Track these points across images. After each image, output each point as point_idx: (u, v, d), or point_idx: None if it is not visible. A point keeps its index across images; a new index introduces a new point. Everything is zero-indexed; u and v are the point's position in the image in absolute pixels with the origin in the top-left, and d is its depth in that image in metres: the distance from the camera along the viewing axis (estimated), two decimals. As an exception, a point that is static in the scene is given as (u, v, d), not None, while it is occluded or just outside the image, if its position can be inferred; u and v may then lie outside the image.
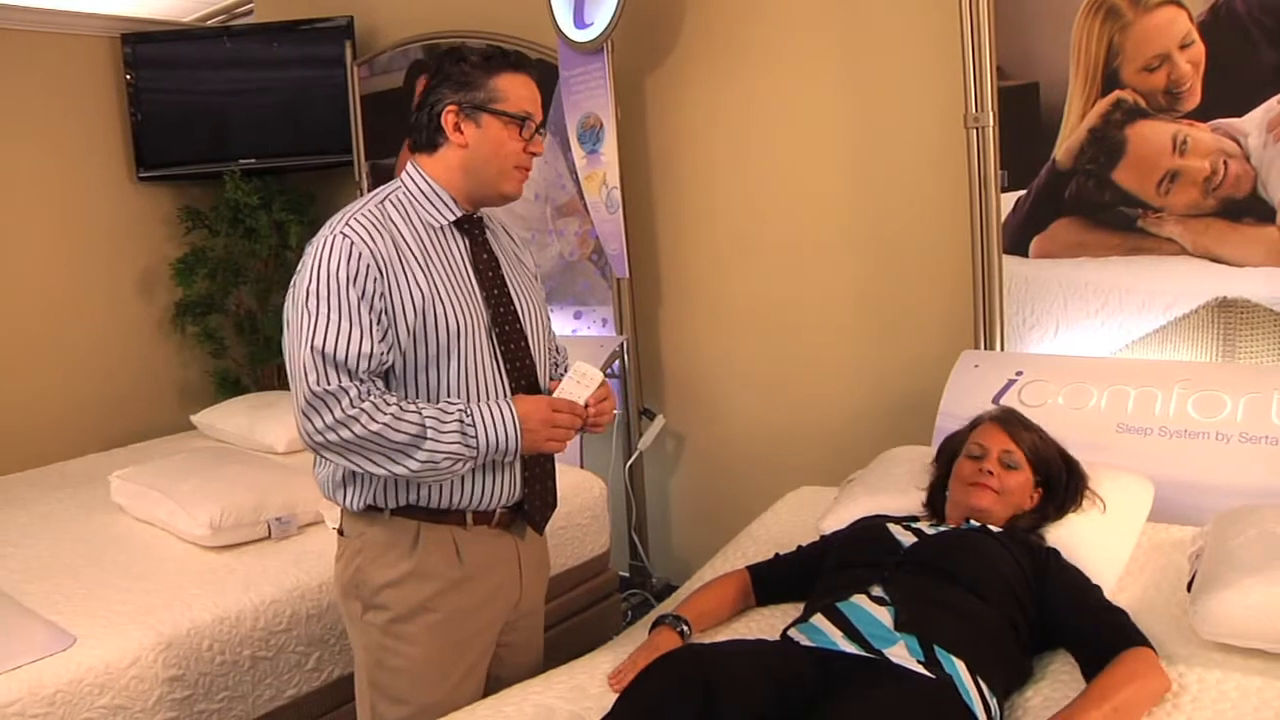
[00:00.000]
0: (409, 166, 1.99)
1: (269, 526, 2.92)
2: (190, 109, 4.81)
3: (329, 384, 1.77)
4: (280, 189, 4.94)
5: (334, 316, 1.79)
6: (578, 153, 3.72)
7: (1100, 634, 1.82)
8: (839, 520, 2.37)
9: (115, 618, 2.44)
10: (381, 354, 1.83)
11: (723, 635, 2.08)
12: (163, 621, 2.42)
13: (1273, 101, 2.51)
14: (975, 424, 2.34)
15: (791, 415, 3.64)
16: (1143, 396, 2.62)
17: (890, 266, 3.34)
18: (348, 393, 1.77)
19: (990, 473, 2.19)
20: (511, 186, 1.97)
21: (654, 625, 2.07)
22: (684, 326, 3.91)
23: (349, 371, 1.79)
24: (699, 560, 2.63)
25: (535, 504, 2.06)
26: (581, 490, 3.31)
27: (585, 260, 4.01)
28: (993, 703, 1.73)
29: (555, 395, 1.93)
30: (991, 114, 2.88)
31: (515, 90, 1.93)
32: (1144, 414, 2.60)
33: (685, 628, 2.04)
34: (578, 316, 4.06)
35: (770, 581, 2.22)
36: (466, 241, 1.99)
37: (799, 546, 2.30)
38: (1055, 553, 2.06)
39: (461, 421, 1.82)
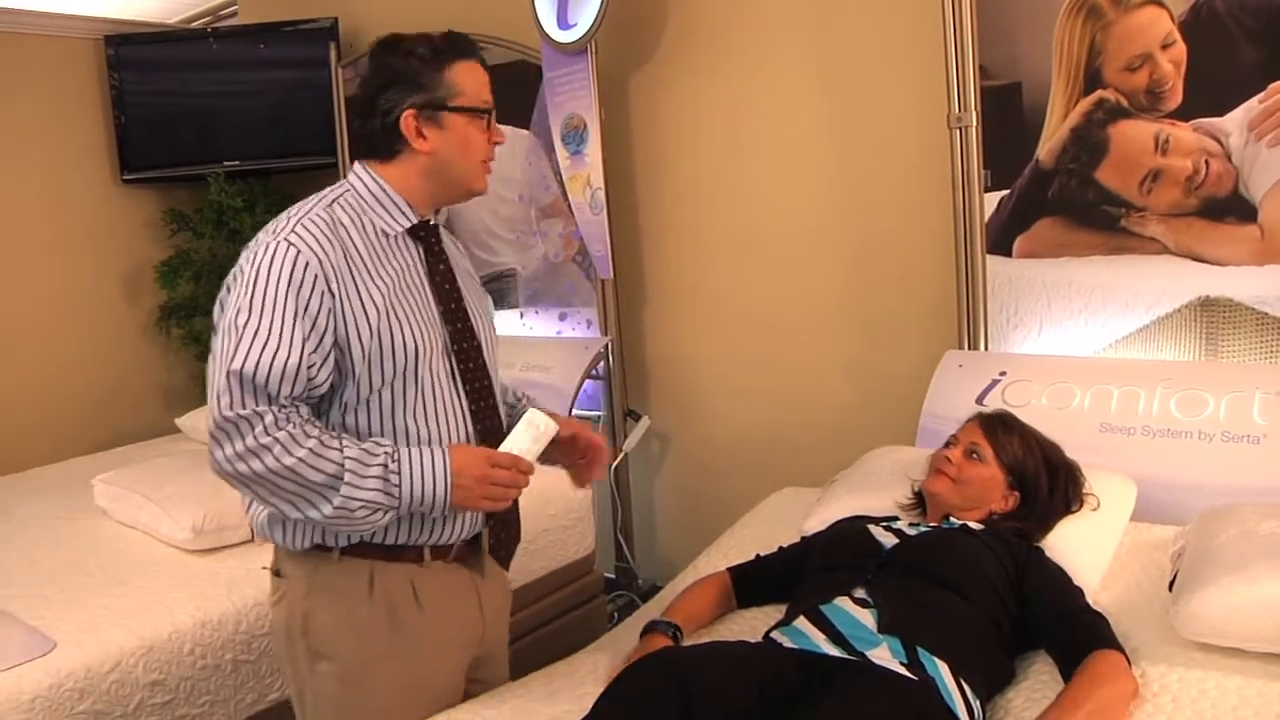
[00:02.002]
0: (357, 168, 1.83)
1: (252, 530, 2.90)
2: (174, 111, 4.79)
3: (243, 408, 1.58)
4: (264, 191, 4.92)
5: (261, 332, 1.61)
6: (562, 154, 3.71)
7: (1074, 636, 1.83)
8: (821, 521, 2.36)
9: (96, 622, 2.42)
10: (311, 376, 1.64)
11: (705, 638, 2.07)
12: (144, 625, 2.41)
13: (1253, 101, 2.52)
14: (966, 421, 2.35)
15: (776, 416, 3.64)
16: (1126, 396, 2.62)
17: (874, 266, 3.34)
18: (263, 418, 1.58)
19: (949, 460, 2.20)
20: (481, 183, 1.86)
21: (645, 631, 2.05)
22: (669, 327, 3.90)
23: (268, 395, 1.60)
24: (685, 561, 2.63)
25: (500, 537, 1.94)
26: (566, 492, 3.27)
27: (570, 261, 4.00)
28: (975, 704, 1.73)
29: (501, 447, 1.74)
30: (974, 114, 2.88)
31: (472, 80, 1.80)
32: (1127, 413, 2.60)
33: (677, 633, 2.02)
34: (562, 318, 4.06)
35: (751, 583, 2.22)
36: (421, 251, 1.84)
37: (780, 547, 2.29)
38: (1038, 551, 2.06)
39: (386, 467, 1.64)
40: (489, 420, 1.87)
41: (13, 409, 4.53)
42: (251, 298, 1.62)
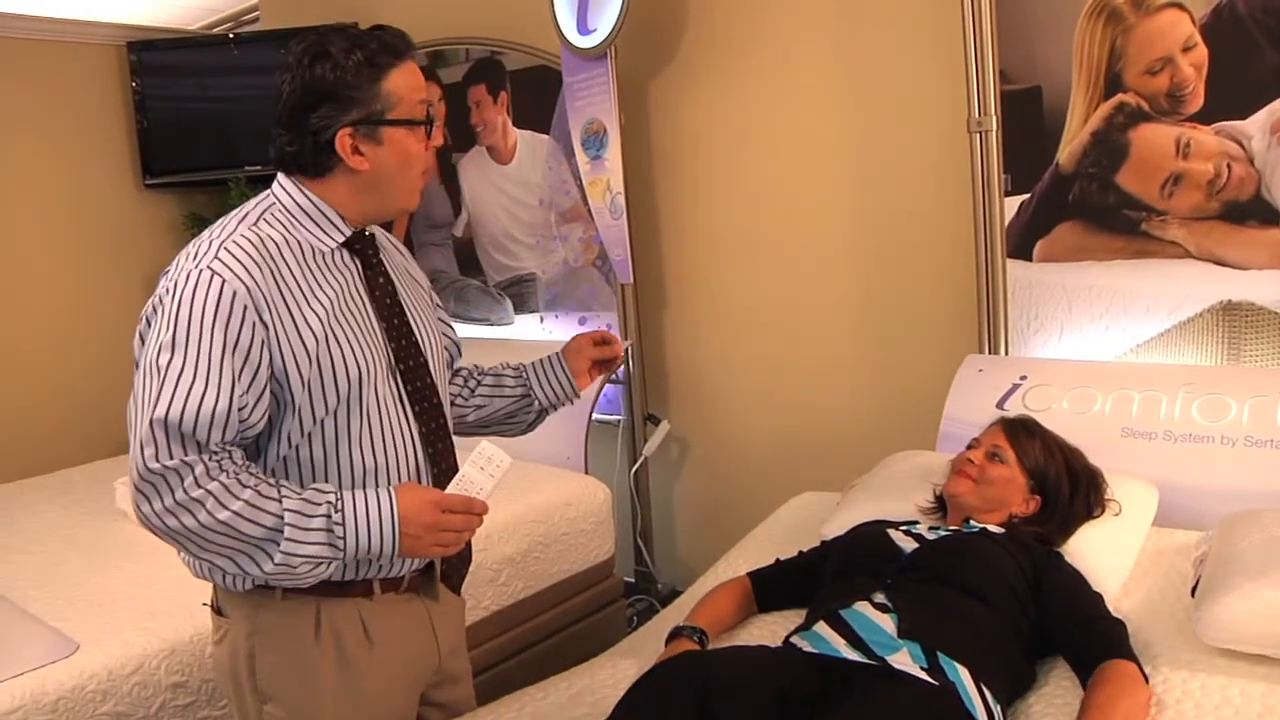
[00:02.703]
0: (283, 179, 1.68)
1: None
2: (196, 116, 4.81)
3: (170, 459, 1.46)
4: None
5: (186, 373, 1.48)
6: (582, 159, 3.72)
7: (1088, 642, 1.83)
8: (841, 525, 2.35)
9: (118, 624, 2.44)
10: (244, 418, 1.52)
11: (725, 643, 2.07)
12: (166, 628, 2.42)
13: (1276, 104, 2.50)
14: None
15: (795, 420, 3.64)
16: (1147, 400, 2.61)
17: (894, 271, 3.33)
18: (193, 469, 1.46)
19: (971, 461, 2.20)
20: (415, 199, 1.73)
21: (670, 637, 2.03)
22: (688, 332, 3.90)
23: (198, 443, 1.48)
24: (704, 566, 2.63)
25: (452, 562, 1.83)
26: (586, 496, 3.31)
27: (589, 266, 4.01)
28: (996, 709, 1.72)
29: (451, 487, 1.62)
30: (994, 118, 2.87)
31: (408, 86, 1.64)
32: (1148, 418, 2.58)
33: (703, 638, 2.01)
34: (582, 322, 4.06)
35: (771, 587, 2.22)
36: (358, 264, 1.71)
37: (800, 552, 2.29)
38: (1057, 555, 2.06)
39: (329, 518, 1.53)
40: (440, 443, 1.77)
41: (35, 412, 4.56)
42: (174, 334, 1.50)
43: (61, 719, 2.17)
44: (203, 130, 4.82)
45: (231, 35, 5.11)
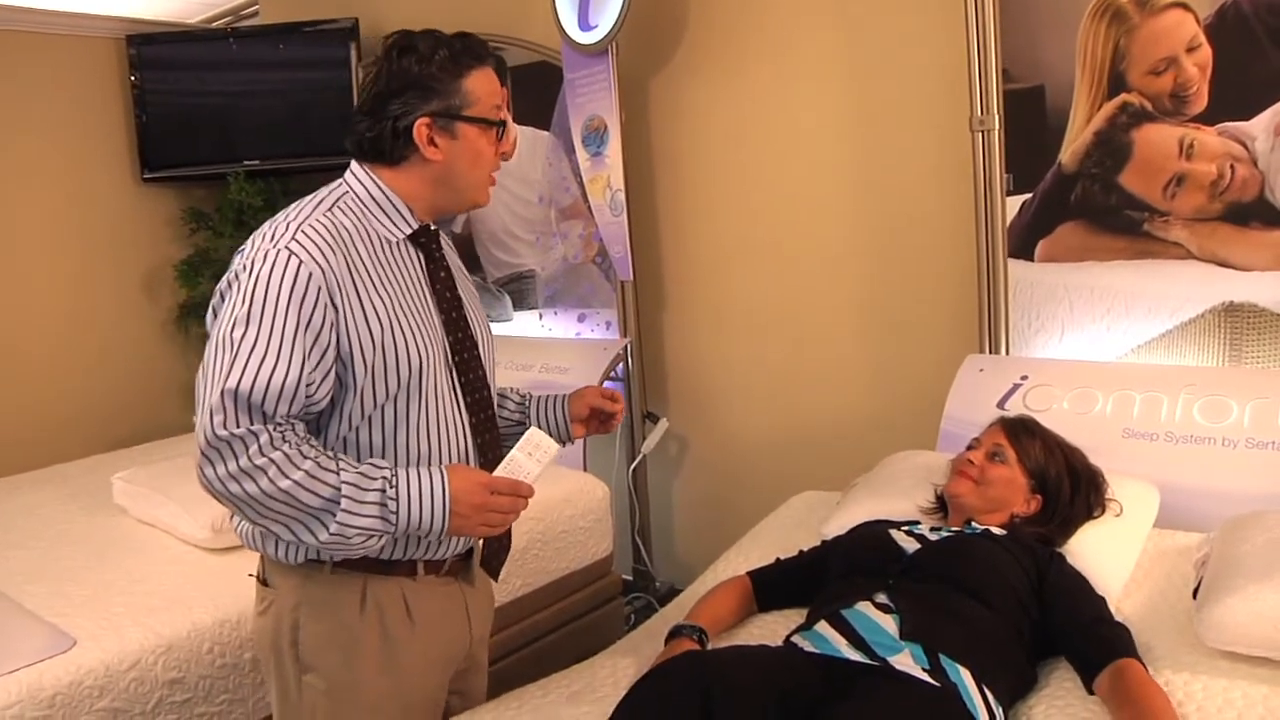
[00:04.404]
0: (357, 170, 1.76)
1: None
2: (195, 110, 4.80)
3: (237, 427, 1.51)
4: (284, 190, 4.93)
5: (259, 347, 1.54)
6: (582, 155, 3.71)
7: (1089, 646, 1.82)
8: (841, 524, 2.35)
9: (115, 620, 2.43)
10: (310, 394, 1.58)
11: (726, 642, 2.06)
12: (163, 624, 2.41)
13: (1280, 105, 2.50)
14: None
15: (795, 419, 3.63)
16: (1148, 401, 2.61)
17: (895, 270, 3.32)
18: (258, 437, 1.52)
19: (971, 462, 2.20)
20: (484, 196, 1.82)
21: (670, 636, 2.03)
22: (688, 329, 3.90)
23: (264, 414, 1.54)
24: (703, 564, 2.62)
25: (493, 547, 1.90)
26: (584, 493, 3.29)
27: (589, 263, 4.00)
28: (998, 711, 1.72)
29: (499, 470, 1.69)
30: (997, 117, 2.87)
31: (486, 89, 1.74)
32: (1150, 419, 2.58)
33: (703, 637, 2.01)
34: (581, 319, 4.05)
35: (771, 586, 2.21)
36: (421, 258, 1.79)
37: (800, 551, 2.29)
38: (1059, 557, 2.05)
39: (383, 492, 1.59)
40: (488, 433, 1.85)
41: (33, 407, 4.55)
42: (249, 310, 1.56)
43: (58, 715, 2.16)
44: (202, 125, 4.81)
45: (230, 30, 5.11)
